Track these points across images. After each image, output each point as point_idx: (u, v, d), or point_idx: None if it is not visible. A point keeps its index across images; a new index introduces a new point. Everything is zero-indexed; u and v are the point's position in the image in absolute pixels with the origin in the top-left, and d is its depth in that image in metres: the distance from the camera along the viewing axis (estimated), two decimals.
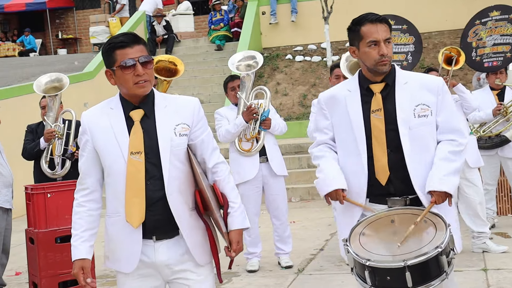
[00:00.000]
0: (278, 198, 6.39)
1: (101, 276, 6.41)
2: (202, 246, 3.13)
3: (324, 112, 3.55)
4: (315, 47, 15.58)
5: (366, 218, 3.31)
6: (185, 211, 3.08)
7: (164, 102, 3.15)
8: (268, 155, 6.31)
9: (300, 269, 6.31)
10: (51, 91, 6.65)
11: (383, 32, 3.34)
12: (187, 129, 3.11)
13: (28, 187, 5.83)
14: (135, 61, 3.02)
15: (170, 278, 3.14)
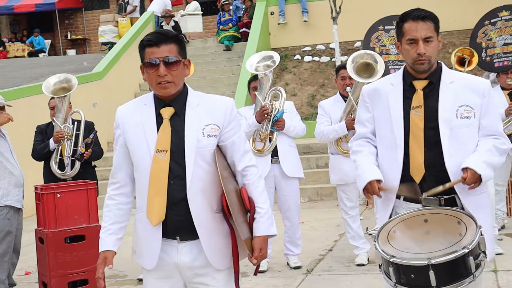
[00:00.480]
0: (289, 199, 6.39)
1: (110, 276, 6.43)
2: (221, 251, 3.09)
3: (367, 105, 3.54)
4: (323, 48, 15.57)
5: (399, 216, 3.29)
6: (207, 213, 3.05)
7: (197, 101, 3.13)
8: (280, 156, 6.30)
9: (309, 269, 6.32)
10: (60, 92, 6.68)
11: (423, 31, 3.32)
12: (217, 130, 3.09)
13: (38, 187, 5.86)
14: (158, 61, 3.02)
15: (191, 280, 3.13)
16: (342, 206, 6.42)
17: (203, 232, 3.05)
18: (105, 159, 10.55)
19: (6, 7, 23.16)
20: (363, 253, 6.31)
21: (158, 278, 3.15)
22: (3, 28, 24.87)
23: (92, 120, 6.88)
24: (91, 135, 6.49)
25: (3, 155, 5.93)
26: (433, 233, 3.13)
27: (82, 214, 5.76)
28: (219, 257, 3.09)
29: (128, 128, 3.11)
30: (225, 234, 3.10)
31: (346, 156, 6.23)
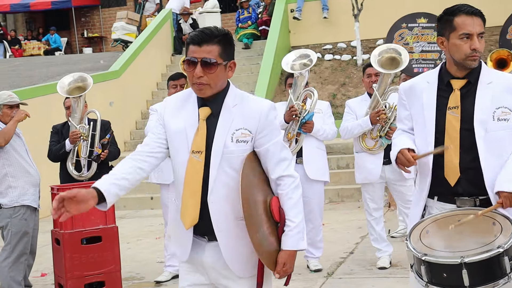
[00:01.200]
0: (312, 202, 6.37)
1: (127, 278, 6.46)
2: (243, 259, 3.07)
3: (404, 103, 3.54)
4: (344, 46, 15.52)
5: (432, 216, 3.27)
6: (229, 220, 3.03)
7: (234, 101, 3.08)
8: (304, 157, 6.28)
9: (329, 272, 6.29)
10: (75, 91, 6.68)
11: (478, 26, 3.28)
12: (248, 135, 3.03)
13: (54, 187, 5.90)
14: (196, 61, 2.98)
15: (215, 281, 3.15)
16: (366, 208, 6.39)
17: (223, 238, 3.04)
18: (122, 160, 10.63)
19: (22, 5, 23.34)
20: (385, 256, 6.28)
21: (188, 270, 3.20)
22: (19, 26, 25.07)
23: (109, 119, 6.90)
24: (107, 136, 6.50)
25: (20, 154, 5.98)
26: (466, 234, 3.10)
27: (98, 215, 5.78)
28: (240, 265, 3.08)
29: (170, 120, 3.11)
30: (247, 244, 3.02)
31: (370, 153, 6.20)
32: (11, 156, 5.92)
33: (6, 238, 5.91)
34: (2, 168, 5.90)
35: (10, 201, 5.89)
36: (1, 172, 5.90)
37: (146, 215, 10.41)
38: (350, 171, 10.49)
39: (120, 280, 5.87)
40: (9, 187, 5.89)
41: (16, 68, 16.90)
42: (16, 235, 5.88)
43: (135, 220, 10.21)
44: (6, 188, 5.90)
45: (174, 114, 3.13)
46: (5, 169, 5.90)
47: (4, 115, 5.99)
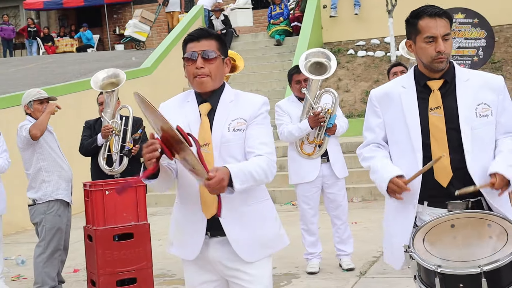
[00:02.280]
0: (338, 197, 6.37)
1: (158, 275, 6.50)
2: (250, 243, 3.14)
3: (376, 110, 3.45)
4: (378, 42, 15.43)
5: (424, 224, 3.20)
6: (232, 207, 3.09)
7: (230, 97, 3.21)
8: (330, 156, 6.29)
9: (362, 272, 6.27)
10: (108, 87, 6.77)
11: (441, 28, 3.24)
12: (243, 124, 3.15)
13: (87, 183, 5.96)
14: (196, 54, 3.12)
15: (225, 274, 3.21)
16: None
17: (228, 225, 3.11)
18: None
19: (55, 2, 23.61)
20: None
21: (196, 270, 3.25)
22: (52, 23, 25.38)
23: (140, 116, 6.95)
24: (139, 131, 6.56)
25: (53, 149, 6.07)
26: (461, 238, 3.06)
27: (130, 211, 5.84)
28: (248, 250, 3.14)
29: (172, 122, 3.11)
30: (256, 227, 3.15)
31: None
32: (45, 151, 6.01)
33: (41, 234, 6.00)
34: (36, 163, 5.99)
35: (43, 195, 5.97)
36: (36, 166, 5.99)
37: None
38: None
39: (151, 277, 5.91)
40: (43, 182, 5.98)
41: (49, 65, 17.12)
42: (50, 231, 5.97)
43: (167, 217, 10.24)
44: (40, 183, 5.98)
45: (174, 111, 3.22)
46: (39, 163, 5.99)
47: (35, 111, 6.08)
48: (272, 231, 3.24)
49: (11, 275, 7.12)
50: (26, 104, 6.12)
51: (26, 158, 6.05)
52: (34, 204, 6.00)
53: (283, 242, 3.30)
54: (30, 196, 6.03)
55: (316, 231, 6.38)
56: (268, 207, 3.26)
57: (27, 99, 6.13)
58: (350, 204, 9.71)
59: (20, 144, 6.01)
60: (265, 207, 3.23)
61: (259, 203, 3.20)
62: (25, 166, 6.10)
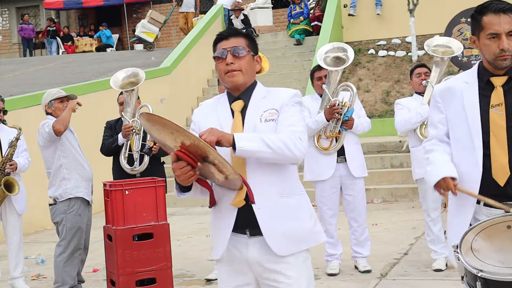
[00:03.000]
0: (356, 199, 6.34)
1: (177, 276, 6.53)
2: (284, 236, 3.11)
3: (439, 105, 3.45)
4: (399, 41, 15.36)
5: (479, 223, 3.14)
6: (267, 197, 3.09)
7: (263, 94, 3.23)
8: (347, 155, 6.26)
9: (383, 273, 6.25)
10: (128, 87, 6.81)
11: (505, 24, 3.19)
12: (275, 114, 3.15)
13: (106, 183, 5.98)
14: (226, 51, 3.17)
15: (261, 276, 3.17)
16: (424, 207, 6.30)
17: (262, 215, 3.09)
18: None
19: (74, 2, 23.79)
20: (441, 258, 6.19)
21: (229, 273, 3.23)
22: (72, 23, 25.56)
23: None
24: None
25: (74, 148, 6.13)
26: None
27: (150, 211, 5.86)
28: (280, 242, 3.11)
29: (204, 126, 3.16)
30: (289, 220, 3.13)
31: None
32: (66, 148, 6.07)
33: (61, 233, 6.05)
34: (57, 160, 6.04)
35: (64, 192, 6.02)
36: (57, 163, 6.04)
37: (197, 213, 10.51)
38: (404, 170, 10.41)
39: (171, 277, 5.93)
40: (63, 179, 6.03)
41: (68, 65, 17.24)
42: (71, 231, 6.01)
43: (186, 217, 10.31)
44: (60, 180, 6.04)
45: (206, 115, 3.26)
46: (60, 160, 6.05)
47: (56, 109, 6.14)
48: (306, 226, 3.19)
49: (31, 274, 7.18)
50: (47, 104, 6.18)
51: (48, 156, 6.10)
52: (55, 204, 6.05)
53: (316, 239, 3.25)
54: (51, 195, 6.08)
55: (334, 233, 6.36)
56: (303, 202, 3.22)
57: (48, 98, 6.19)
58: (371, 205, 9.70)
59: (41, 142, 6.07)
60: (300, 201, 3.20)
61: (294, 196, 3.17)
62: (46, 165, 6.15)
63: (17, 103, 10.07)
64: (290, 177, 3.19)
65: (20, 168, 6.63)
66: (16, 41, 25.66)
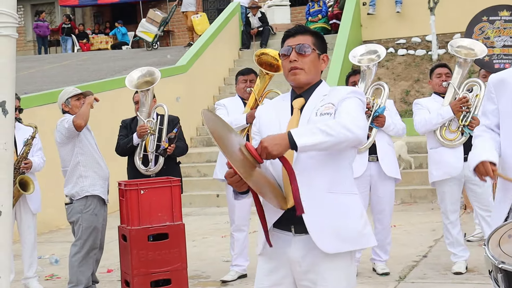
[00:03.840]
0: (384, 201, 6.32)
1: (192, 277, 6.53)
2: (330, 232, 3.07)
3: (492, 96, 3.48)
4: (419, 40, 15.30)
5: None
6: (314, 191, 3.06)
7: (325, 92, 3.23)
8: (379, 154, 6.24)
9: (401, 276, 6.22)
10: (143, 86, 6.80)
11: None
12: (332, 108, 3.13)
13: (122, 183, 6.00)
14: (291, 49, 3.18)
15: (300, 277, 3.14)
16: (442, 210, 6.27)
17: (309, 212, 3.03)
18: (189, 156, 10.71)
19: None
20: (461, 261, 6.16)
21: (267, 270, 3.21)
22: (87, 20, 25.69)
23: (175, 114, 7.01)
24: (175, 130, 6.59)
25: (92, 146, 6.17)
26: None
27: (165, 211, 5.87)
28: (326, 239, 3.07)
29: (263, 122, 3.26)
30: (337, 217, 3.08)
31: (450, 147, 6.12)
32: (84, 146, 6.10)
33: (77, 233, 6.08)
34: (75, 157, 6.07)
35: (80, 190, 6.05)
36: (74, 161, 6.08)
37: (212, 213, 10.52)
38: (423, 171, 10.35)
39: (186, 278, 5.94)
40: (80, 177, 6.07)
41: (83, 63, 17.33)
42: (87, 230, 6.05)
43: (201, 217, 10.32)
44: (77, 178, 6.07)
45: (268, 111, 3.31)
46: (78, 158, 6.08)
47: (73, 107, 6.18)
48: (354, 227, 3.13)
49: (44, 274, 7.21)
50: (64, 102, 6.22)
51: (65, 154, 6.13)
52: (71, 203, 6.08)
53: (365, 242, 3.19)
54: (67, 193, 6.10)
55: None
56: (354, 202, 3.18)
57: (64, 96, 6.23)
58: None
59: (59, 139, 6.09)
60: (350, 201, 3.16)
61: (345, 194, 3.13)
62: (63, 163, 6.18)
63: (32, 101, 10.13)
64: (343, 174, 3.15)
65: (35, 167, 6.67)
66: (31, 39, 25.84)
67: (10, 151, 2.90)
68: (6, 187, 2.89)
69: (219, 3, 23.41)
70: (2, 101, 2.88)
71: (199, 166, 12.28)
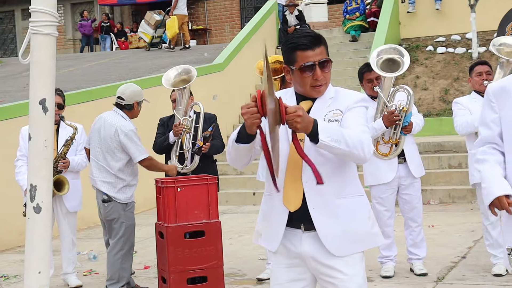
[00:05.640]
0: (414, 198, 6.29)
1: (228, 275, 6.55)
2: (342, 237, 3.13)
3: (492, 105, 3.41)
4: (459, 38, 15.13)
5: None
6: (323, 198, 3.11)
7: (330, 94, 3.25)
8: (407, 156, 6.21)
9: (439, 277, 6.16)
10: (180, 84, 6.83)
11: None
12: (339, 115, 3.17)
13: (159, 180, 6.04)
14: (315, 65, 3.15)
15: (317, 272, 3.20)
16: (482, 210, 6.19)
17: (318, 217, 3.11)
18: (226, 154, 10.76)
19: None
20: (501, 263, 6.07)
21: (286, 267, 3.25)
22: (126, 19, 25.92)
23: (212, 112, 7.04)
24: (210, 128, 6.61)
25: None
26: None
27: (202, 209, 5.90)
28: (336, 243, 3.13)
29: None
30: (346, 221, 3.14)
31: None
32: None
33: (118, 230, 6.13)
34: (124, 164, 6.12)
35: (125, 198, 6.16)
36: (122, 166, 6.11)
37: (248, 211, 10.54)
38: (462, 171, 10.24)
39: (222, 276, 5.96)
40: (126, 186, 6.16)
41: (121, 61, 17.49)
42: (129, 228, 6.16)
43: (237, 215, 10.35)
44: (123, 186, 6.14)
45: None
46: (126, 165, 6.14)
47: (136, 109, 6.31)
48: (363, 228, 3.20)
49: (83, 270, 7.31)
50: (138, 102, 6.29)
51: (114, 156, 6.12)
52: (110, 201, 6.14)
53: (374, 241, 3.27)
54: (109, 193, 6.16)
55: (391, 234, 6.31)
56: (362, 204, 3.23)
57: (142, 96, 6.33)
58: (427, 206, 9.58)
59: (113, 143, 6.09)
60: (358, 203, 3.21)
61: (352, 197, 3.19)
62: (109, 163, 6.16)
63: (71, 99, 10.24)
64: (350, 177, 3.21)
65: (74, 166, 6.73)
66: (70, 37, 26.18)
67: (50, 148, 2.95)
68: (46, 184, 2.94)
69: (256, 1, 23.43)
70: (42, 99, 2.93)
71: None
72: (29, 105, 2.94)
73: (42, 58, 2.94)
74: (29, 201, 2.90)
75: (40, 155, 2.91)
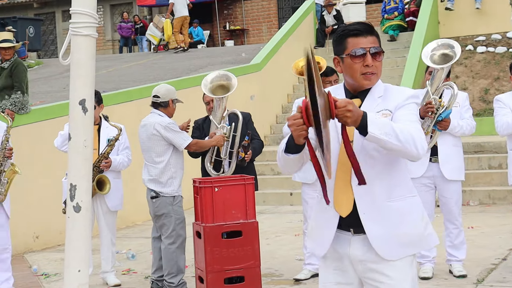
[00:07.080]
0: (450, 202, 6.20)
1: (265, 275, 6.56)
2: (392, 240, 3.06)
3: None
4: (499, 37, 14.91)
5: None
6: (375, 201, 3.05)
7: (380, 93, 3.16)
8: (440, 156, 6.11)
9: (479, 279, 6.08)
10: (218, 89, 6.77)
11: None
12: (389, 115, 3.09)
13: (196, 180, 6.08)
14: (365, 51, 3.08)
15: (363, 275, 3.15)
16: None
17: (368, 221, 3.05)
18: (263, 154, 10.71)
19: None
20: None
21: (334, 270, 3.21)
22: None
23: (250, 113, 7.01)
24: (246, 138, 6.56)
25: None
26: None
27: (239, 209, 5.91)
28: (386, 247, 3.06)
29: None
30: (397, 224, 3.06)
31: None
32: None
33: (169, 225, 6.23)
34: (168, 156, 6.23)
35: (171, 191, 6.25)
36: (166, 159, 6.21)
37: (285, 211, 10.53)
38: (503, 171, 10.10)
39: (259, 276, 5.97)
40: (171, 178, 6.24)
41: (159, 61, 17.60)
42: (179, 222, 6.26)
43: (274, 215, 10.35)
44: (168, 179, 6.23)
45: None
46: (171, 157, 6.24)
47: (170, 107, 6.41)
48: (415, 230, 3.12)
49: (121, 269, 7.37)
50: (172, 99, 6.39)
51: (159, 150, 6.22)
52: (158, 197, 6.20)
53: (428, 242, 3.19)
54: (156, 189, 6.24)
55: None
56: (414, 205, 3.15)
57: (176, 95, 6.45)
58: (467, 207, 9.46)
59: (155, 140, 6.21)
60: (410, 204, 3.14)
61: (403, 199, 3.11)
62: (153, 160, 6.25)
63: (110, 99, 10.36)
64: (401, 178, 3.14)
65: (116, 165, 6.79)
66: (109, 38, 26.44)
67: (89, 148, 2.98)
68: (86, 183, 2.97)
69: (294, 1, 23.40)
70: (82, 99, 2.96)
71: (273, 164, 12.30)
72: (69, 106, 2.98)
73: (82, 59, 2.97)
74: (69, 200, 2.93)
75: (79, 155, 2.94)
